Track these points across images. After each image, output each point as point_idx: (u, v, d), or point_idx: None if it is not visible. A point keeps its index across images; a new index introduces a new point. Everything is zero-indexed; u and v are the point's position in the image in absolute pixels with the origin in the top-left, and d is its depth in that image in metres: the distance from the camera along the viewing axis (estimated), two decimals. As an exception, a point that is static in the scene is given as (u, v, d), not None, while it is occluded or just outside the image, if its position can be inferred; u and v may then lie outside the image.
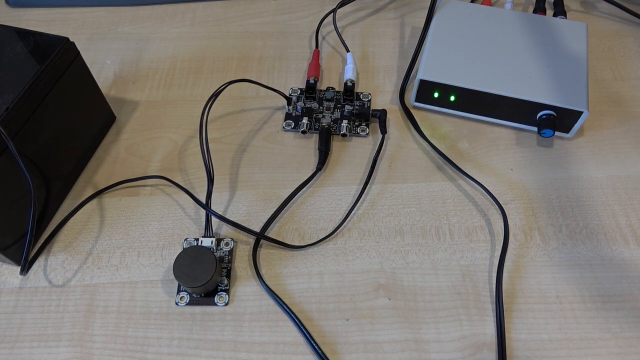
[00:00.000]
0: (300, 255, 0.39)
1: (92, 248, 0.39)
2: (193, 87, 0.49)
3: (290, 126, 0.46)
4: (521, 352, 0.34)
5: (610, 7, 0.56)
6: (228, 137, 0.45)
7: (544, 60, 0.45)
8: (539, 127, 0.43)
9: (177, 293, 0.37)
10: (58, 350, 0.34)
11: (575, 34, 0.47)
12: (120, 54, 0.52)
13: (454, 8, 0.50)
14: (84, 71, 0.40)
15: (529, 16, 0.49)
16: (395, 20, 0.56)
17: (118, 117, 0.47)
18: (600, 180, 0.43)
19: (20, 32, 0.38)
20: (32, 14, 0.56)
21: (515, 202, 0.41)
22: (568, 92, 0.43)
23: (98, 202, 0.41)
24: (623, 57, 0.52)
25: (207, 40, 0.53)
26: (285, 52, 0.52)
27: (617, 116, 0.47)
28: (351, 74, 0.48)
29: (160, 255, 0.39)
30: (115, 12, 0.56)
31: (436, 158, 0.44)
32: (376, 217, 0.41)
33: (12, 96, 0.34)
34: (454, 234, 0.40)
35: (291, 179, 0.43)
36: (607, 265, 0.38)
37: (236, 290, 0.37)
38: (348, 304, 0.36)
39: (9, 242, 0.36)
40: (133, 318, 0.36)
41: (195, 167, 0.43)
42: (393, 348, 0.34)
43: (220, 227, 0.40)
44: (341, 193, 0.42)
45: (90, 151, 0.44)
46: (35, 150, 0.37)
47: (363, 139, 0.45)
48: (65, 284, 0.37)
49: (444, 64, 0.45)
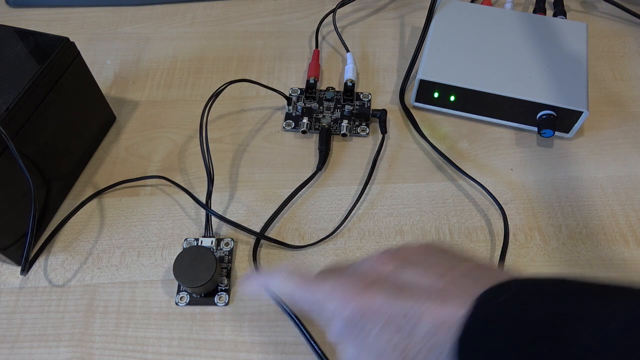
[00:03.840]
0: (300, 255, 0.39)
1: (92, 248, 0.39)
2: (193, 87, 0.49)
3: (290, 126, 0.46)
4: (521, 352, 0.34)
5: (610, 7, 0.56)
6: (228, 137, 0.45)
7: (544, 60, 0.45)
8: (539, 127, 0.43)
9: (177, 293, 0.37)
10: (58, 350, 0.34)
11: (575, 34, 0.47)
12: (120, 54, 0.52)
13: (454, 8, 0.50)
14: (84, 71, 0.40)
15: (529, 16, 0.49)
16: (395, 20, 0.56)
17: (118, 117, 0.47)
18: (600, 180, 0.43)
19: (20, 32, 0.38)
20: (32, 14, 0.56)
21: (515, 202, 0.41)
22: (568, 92, 0.43)
23: (98, 202, 0.41)
24: (623, 57, 0.52)
25: (207, 40, 0.53)
26: (285, 52, 0.52)
27: (617, 116, 0.47)
28: (351, 74, 0.48)
29: (160, 255, 0.39)
30: (115, 12, 0.56)
31: (436, 158, 0.44)
32: (376, 217, 0.41)
33: (12, 96, 0.34)
34: (454, 234, 0.40)
35: (291, 179, 0.43)
36: (607, 265, 0.38)
37: (236, 290, 0.37)
38: (348, 304, 0.36)
39: (9, 242, 0.36)
40: (133, 318, 0.36)
41: (195, 167, 0.43)
42: (393, 348, 0.34)
43: (220, 227, 0.40)
44: (341, 193, 0.42)
45: (90, 151, 0.44)
46: (35, 150, 0.37)
47: (363, 139, 0.45)
48: (65, 284, 0.37)
49: (444, 64, 0.45)
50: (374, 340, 0.23)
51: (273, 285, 0.27)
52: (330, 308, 0.24)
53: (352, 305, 0.23)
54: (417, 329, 0.22)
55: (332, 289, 0.25)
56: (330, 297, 0.24)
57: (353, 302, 0.23)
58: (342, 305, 0.24)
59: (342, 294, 0.24)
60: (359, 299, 0.23)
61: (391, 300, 0.23)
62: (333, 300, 0.24)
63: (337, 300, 0.24)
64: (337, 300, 0.24)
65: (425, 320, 0.21)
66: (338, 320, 0.24)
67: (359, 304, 0.23)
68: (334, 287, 0.25)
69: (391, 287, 0.23)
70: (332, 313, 0.24)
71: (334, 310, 0.24)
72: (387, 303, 0.23)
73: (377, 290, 0.23)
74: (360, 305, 0.23)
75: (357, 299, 0.23)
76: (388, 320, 0.22)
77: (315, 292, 0.25)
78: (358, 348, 0.24)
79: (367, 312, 0.23)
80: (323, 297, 0.25)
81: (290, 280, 0.26)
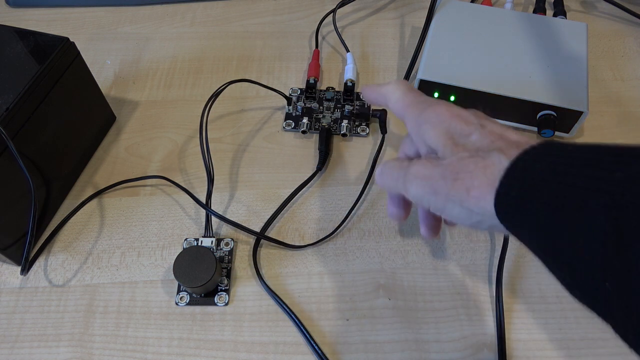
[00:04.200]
0: (300, 255, 0.39)
1: (92, 248, 0.39)
2: (193, 87, 0.49)
3: (290, 126, 0.46)
4: (521, 352, 0.34)
5: (610, 7, 0.56)
6: (228, 137, 0.45)
7: (544, 60, 0.45)
8: (539, 127, 0.43)
9: (177, 293, 0.37)
10: (58, 350, 0.34)
11: (575, 34, 0.47)
12: (120, 54, 0.52)
13: (454, 8, 0.50)
14: (84, 71, 0.40)
15: (529, 16, 0.49)
16: (395, 20, 0.56)
17: (118, 117, 0.47)
18: (600, 180, 0.42)
19: (20, 32, 0.38)
20: (32, 14, 0.56)
21: (515, 202, 0.41)
22: (568, 92, 0.43)
23: (98, 202, 0.41)
24: (623, 57, 0.52)
25: (207, 40, 0.53)
26: (285, 52, 0.52)
27: (617, 116, 0.47)
28: (351, 74, 0.48)
29: (160, 255, 0.39)
30: (115, 12, 0.56)
31: (436, 158, 0.44)
32: (376, 217, 0.41)
33: (12, 96, 0.34)
34: (454, 234, 0.40)
35: (291, 179, 0.43)
36: (607, 265, 0.38)
37: (236, 290, 0.37)
38: (348, 304, 0.36)
39: (9, 242, 0.36)
40: (133, 318, 0.36)
41: (195, 167, 0.43)
42: (393, 348, 0.34)
43: (220, 227, 0.40)
44: (341, 193, 0.42)
45: (90, 151, 0.44)
46: (35, 150, 0.37)
47: (363, 139, 0.45)
48: (65, 284, 0.37)
49: (444, 64, 0.45)
50: None
51: (381, 92, 0.32)
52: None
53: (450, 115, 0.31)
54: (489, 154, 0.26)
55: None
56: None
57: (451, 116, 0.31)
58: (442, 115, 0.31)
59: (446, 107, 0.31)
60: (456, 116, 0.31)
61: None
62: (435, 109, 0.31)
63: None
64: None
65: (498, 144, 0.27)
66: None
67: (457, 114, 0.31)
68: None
69: None
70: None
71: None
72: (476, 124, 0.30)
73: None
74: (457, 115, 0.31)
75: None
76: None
77: None
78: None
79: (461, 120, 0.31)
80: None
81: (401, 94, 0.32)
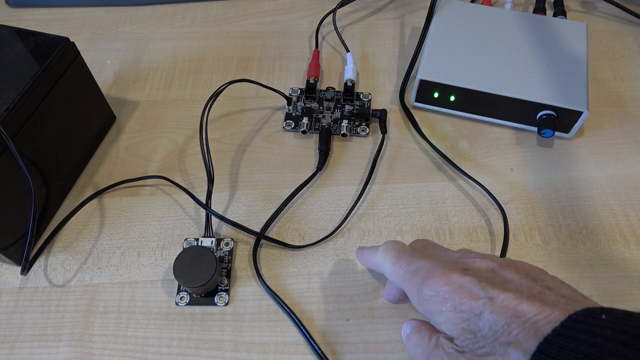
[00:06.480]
0: (300, 255, 0.39)
1: (92, 248, 0.39)
2: (193, 87, 0.49)
3: (290, 126, 0.46)
4: (521, 352, 0.34)
5: (610, 7, 0.56)
6: (228, 137, 0.45)
7: (544, 60, 0.45)
8: (539, 127, 0.43)
9: (177, 293, 0.37)
10: (58, 350, 0.34)
11: (575, 34, 0.47)
12: (120, 54, 0.52)
13: (454, 8, 0.50)
14: (84, 71, 0.40)
15: (529, 16, 0.49)
16: (395, 20, 0.56)
17: (118, 117, 0.47)
18: (600, 180, 0.43)
19: (20, 32, 0.38)
20: (32, 14, 0.56)
21: (515, 202, 0.41)
22: (568, 92, 0.43)
23: (98, 202, 0.41)
24: (623, 57, 0.52)
25: (207, 40, 0.53)
26: (285, 52, 0.52)
27: (617, 116, 0.47)
28: (351, 74, 0.48)
29: (160, 255, 0.39)
30: (115, 12, 0.56)
31: (436, 158, 0.44)
32: (376, 217, 0.41)
33: (12, 96, 0.34)
34: (454, 234, 0.40)
35: (291, 179, 0.43)
36: (607, 265, 0.38)
37: (236, 290, 0.37)
38: (348, 304, 0.36)
39: (9, 242, 0.36)
40: (133, 318, 0.36)
41: (195, 167, 0.43)
42: (393, 348, 0.34)
43: (220, 227, 0.40)
44: (341, 193, 0.42)
45: (90, 151, 0.44)
46: (35, 150, 0.37)
47: (363, 139, 0.45)
48: (66, 284, 0.37)
49: (444, 64, 0.45)
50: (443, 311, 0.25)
51: (373, 262, 0.32)
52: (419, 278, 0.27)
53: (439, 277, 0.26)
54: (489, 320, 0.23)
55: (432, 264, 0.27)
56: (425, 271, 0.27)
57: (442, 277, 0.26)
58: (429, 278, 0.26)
59: (441, 268, 0.26)
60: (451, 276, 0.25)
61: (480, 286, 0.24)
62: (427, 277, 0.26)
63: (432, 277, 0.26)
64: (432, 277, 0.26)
65: (505, 314, 0.22)
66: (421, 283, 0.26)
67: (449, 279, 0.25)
68: (434, 263, 0.27)
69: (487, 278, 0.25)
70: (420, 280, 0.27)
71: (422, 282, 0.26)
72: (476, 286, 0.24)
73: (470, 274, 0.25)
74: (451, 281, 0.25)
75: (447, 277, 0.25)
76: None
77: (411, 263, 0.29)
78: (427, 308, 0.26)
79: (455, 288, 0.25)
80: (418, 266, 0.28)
81: (388, 255, 0.30)
